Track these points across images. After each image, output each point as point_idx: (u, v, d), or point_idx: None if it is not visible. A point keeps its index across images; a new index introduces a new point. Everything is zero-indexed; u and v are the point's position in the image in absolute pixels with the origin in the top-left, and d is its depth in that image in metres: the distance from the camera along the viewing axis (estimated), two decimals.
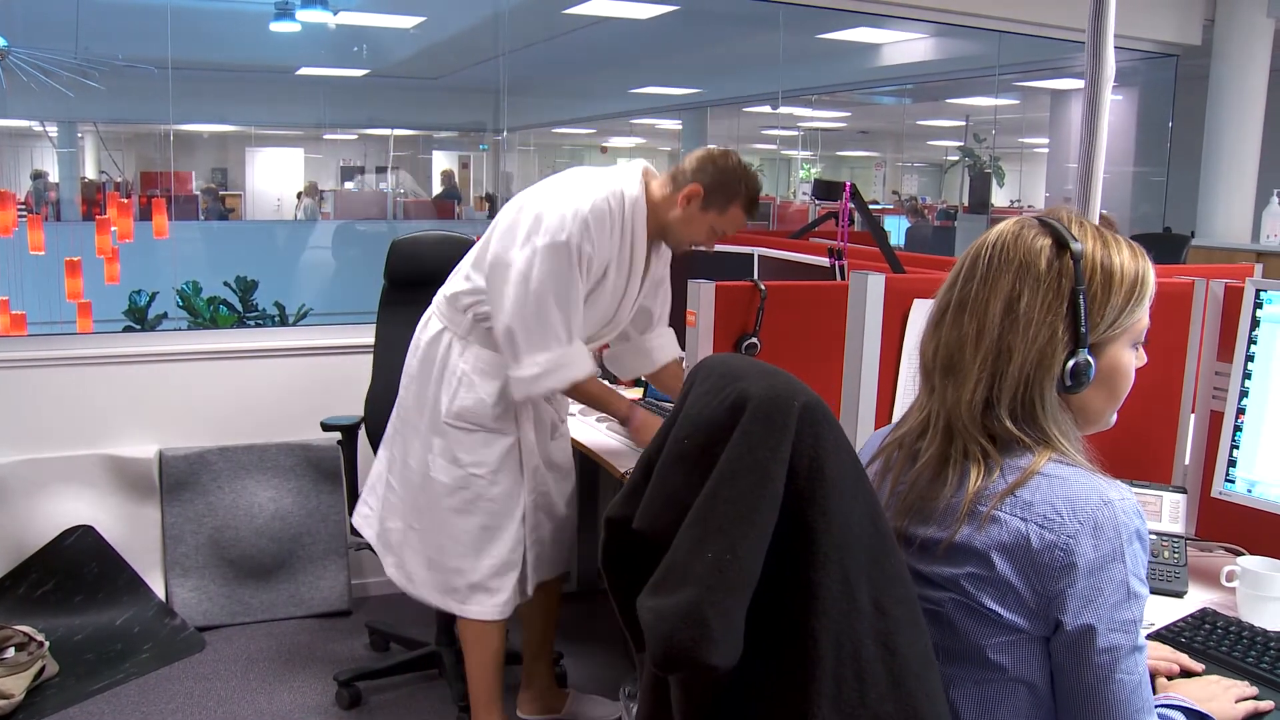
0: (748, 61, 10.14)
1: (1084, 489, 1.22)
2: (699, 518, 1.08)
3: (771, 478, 1.06)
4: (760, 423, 1.08)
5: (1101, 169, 2.23)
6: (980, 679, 1.24)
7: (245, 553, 3.72)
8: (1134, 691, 1.22)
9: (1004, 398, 1.26)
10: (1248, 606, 1.79)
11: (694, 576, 1.05)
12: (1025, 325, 1.26)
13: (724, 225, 2.75)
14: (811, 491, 1.08)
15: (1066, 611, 1.19)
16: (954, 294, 1.31)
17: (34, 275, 4.97)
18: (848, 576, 1.08)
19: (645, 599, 1.09)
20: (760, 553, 1.06)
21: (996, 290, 1.27)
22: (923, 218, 13.46)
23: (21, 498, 3.52)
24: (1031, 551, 1.20)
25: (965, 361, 1.28)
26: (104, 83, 6.06)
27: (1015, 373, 1.26)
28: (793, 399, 1.09)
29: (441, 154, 14.26)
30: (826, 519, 1.08)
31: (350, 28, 8.91)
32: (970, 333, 1.28)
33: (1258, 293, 1.96)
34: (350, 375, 3.63)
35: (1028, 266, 1.27)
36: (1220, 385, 2.11)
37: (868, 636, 1.09)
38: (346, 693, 3.18)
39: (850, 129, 16.88)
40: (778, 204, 12.28)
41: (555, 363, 2.62)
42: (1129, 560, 1.20)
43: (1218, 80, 6.34)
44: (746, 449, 1.08)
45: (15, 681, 3.01)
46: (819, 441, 1.09)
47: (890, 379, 2.05)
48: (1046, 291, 1.26)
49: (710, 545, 1.05)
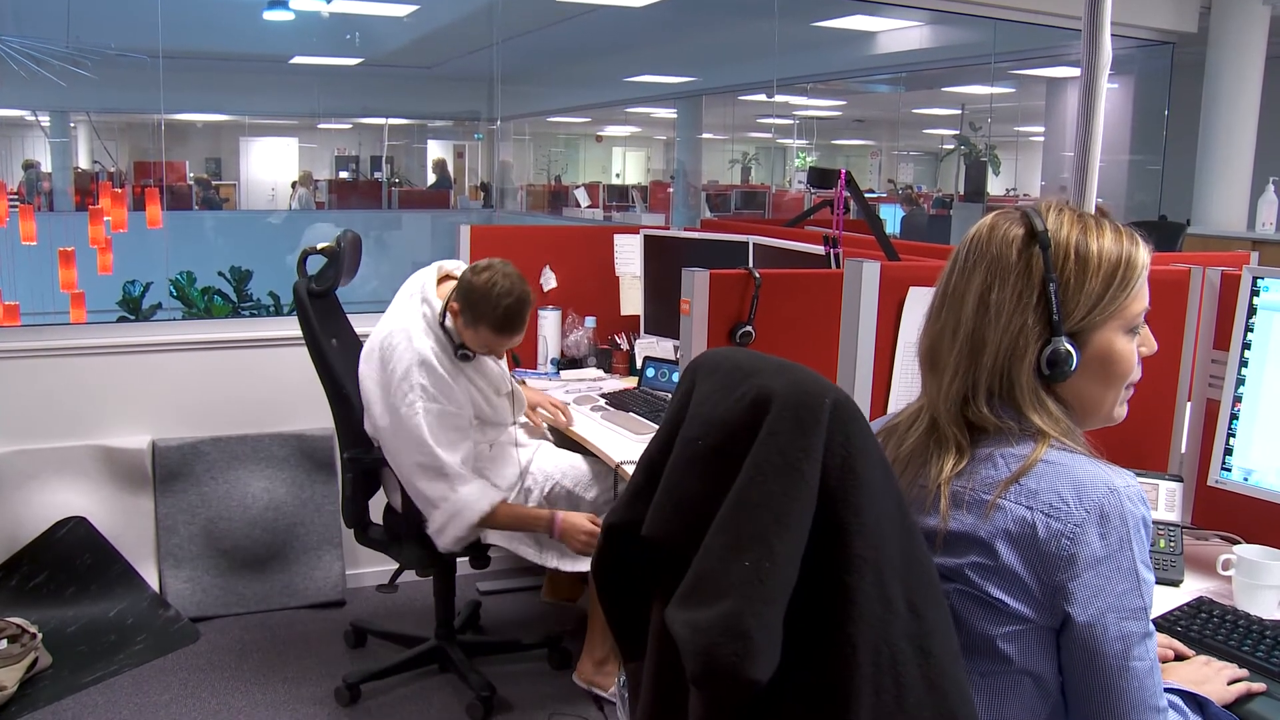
0: (743, 49, 10.12)
1: (1089, 476, 1.21)
2: (728, 524, 1.02)
3: (805, 479, 1.01)
4: (789, 421, 1.03)
5: (1097, 157, 2.22)
6: (986, 670, 1.24)
7: (239, 543, 3.71)
8: (1147, 677, 1.22)
9: (980, 388, 1.27)
10: (1243, 595, 1.79)
11: (731, 586, 1.00)
12: (997, 316, 1.26)
13: (478, 344, 2.88)
14: (844, 491, 1.03)
15: (1075, 602, 1.18)
16: (939, 290, 1.33)
17: (26, 266, 4.95)
18: (882, 579, 1.04)
19: (677, 611, 1.03)
20: (797, 558, 1.01)
21: (971, 284, 1.29)
22: (918, 206, 13.45)
23: (13, 489, 3.51)
24: (1038, 541, 1.19)
25: (944, 353, 1.29)
26: (96, 72, 6.04)
27: (989, 363, 1.27)
28: (823, 396, 1.04)
29: (436, 143, 14.23)
30: (860, 519, 1.04)
31: (343, 16, 8.88)
32: (949, 326, 1.30)
33: (1255, 280, 1.96)
34: None
35: (999, 259, 1.28)
36: (1216, 373, 2.10)
37: (904, 640, 1.05)
38: (349, 693, 3.13)
39: (845, 117, 16.86)
40: (773, 192, 12.28)
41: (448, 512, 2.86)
42: (1136, 548, 1.20)
43: (1214, 68, 6.33)
44: (776, 449, 1.02)
45: (8, 673, 3.00)
46: (849, 440, 1.04)
47: (885, 367, 2.04)
48: (1017, 281, 1.26)
49: (746, 553, 1.00)
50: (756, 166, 16.97)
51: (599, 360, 3.85)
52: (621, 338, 3.94)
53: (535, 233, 5.35)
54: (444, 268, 3.05)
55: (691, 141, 13.90)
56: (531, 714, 3.10)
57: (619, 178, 18.90)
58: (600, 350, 3.86)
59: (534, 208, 13.13)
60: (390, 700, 3.17)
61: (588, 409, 3.29)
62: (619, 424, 3.10)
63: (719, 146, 15.68)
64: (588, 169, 18.34)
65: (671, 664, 1.08)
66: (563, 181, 15.28)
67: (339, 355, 3.11)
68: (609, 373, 3.81)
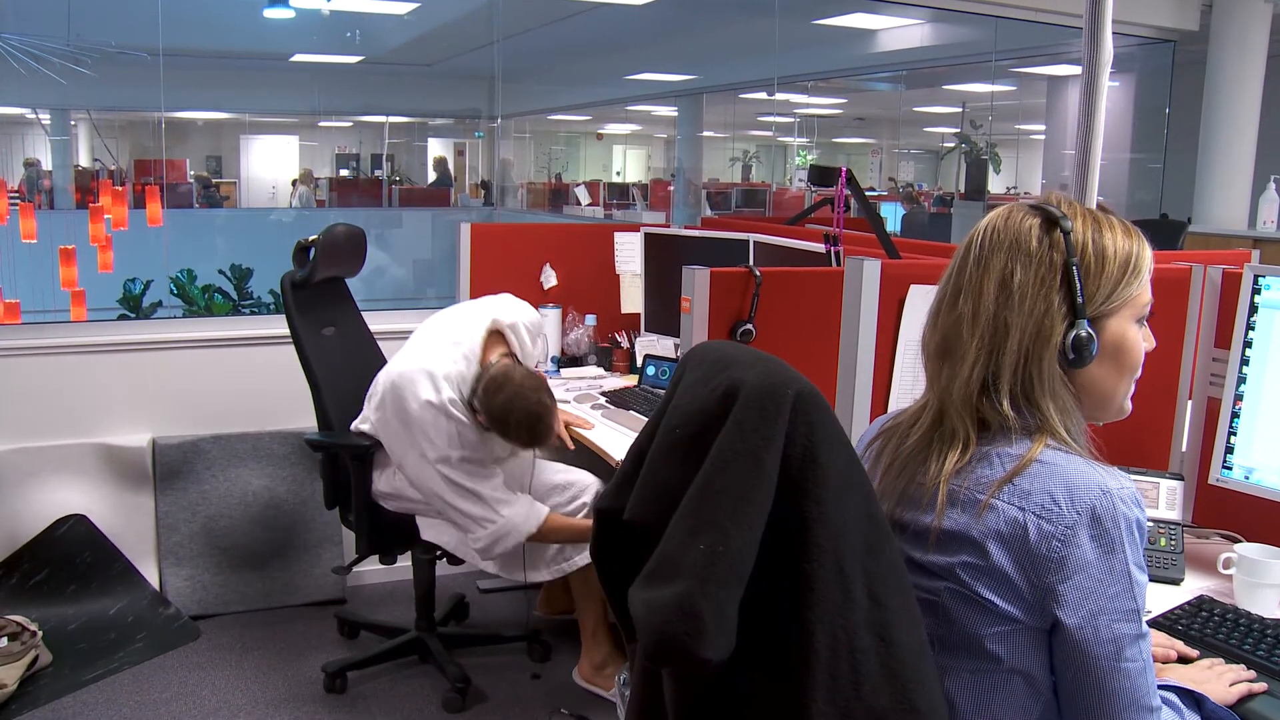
0: (744, 47, 10.10)
1: (1082, 478, 1.21)
2: (691, 508, 1.06)
3: (764, 467, 1.05)
4: (753, 411, 1.06)
5: (1099, 155, 2.21)
6: (976, 669, 1.24)
7: (239, 541, 3.71)
8: (1139, 677, 1.21)
9: (1004, 374, 1.26)
10: (1244, 593, 1.78)
11: (686, 568, 1.03)
12: (1020, 300, 1.26)
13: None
14: (805, 481, 1.06)
15: (1065, 605, 1.18)
16: (949, 283, 1.32)
17: (27, 263, 4.95)
18: (842, 567, 1.07)
19: (637, 590, 1.07)
20: (754, 544, 1.04)
21: (990, 271, 1.28)
22: (918, 204, 13.44)
23: (14, 487, 3.51)
24: (1029, 543, 1.19)
25: (963, 342, 1.28)
26: (96, 70, 6.04)
27: (1014, 348, 1.26)
28: (786, 387, 1.07)
29: (437, 141, 14.22)
30: (821, 509, 1.06)
31: (344, 14, 8.88)
32: (966, 314, 1.28)
33: (1256, 279, 1.95)
34: None
35: (1019, 244, 1.28)
36: (1217, 372, 2.10)
37: (863, 628, 1.08)
38: (334, 682, 3.18)
39: (846, 115, 16.84)
40: (773, 190, 12.27)
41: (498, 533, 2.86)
42: (1129, 550, 1.20)
43: (1215, 66, 6.32)
44: (739, 438, 1.06)
45: (8, 671, 3.00)
46: (812, 430, 1.07)
47: (886, 365, 2.03)
48: (1039, 265, 1.26)
49: (702, 536, 1.04)
50: (757, 164, 16.96)
51: (599, 358, 3.85)
52: (622, 336, 3.93)
53: (536, 230, 5.34)
54: (498, 322, 2.94)
55: (692, 139, 13.90)
56: (508, 706, 3.13)
57: (620, 176, 18.89)
58: (601, 348, 3.86)
59: (534, 206, 13.13)
60: (374, 689, 3.20)
61: (588, 407, 3.29)
62: (619, 422, 3.10)
63: (719, 144, 15.67)
64: (588, 167, 18.34)
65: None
66: (563, 179, 15.28)
67: (329, 343, 3.18)
68: (609, 371, 3.80)
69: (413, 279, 8.37)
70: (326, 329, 3.21)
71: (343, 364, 3.25)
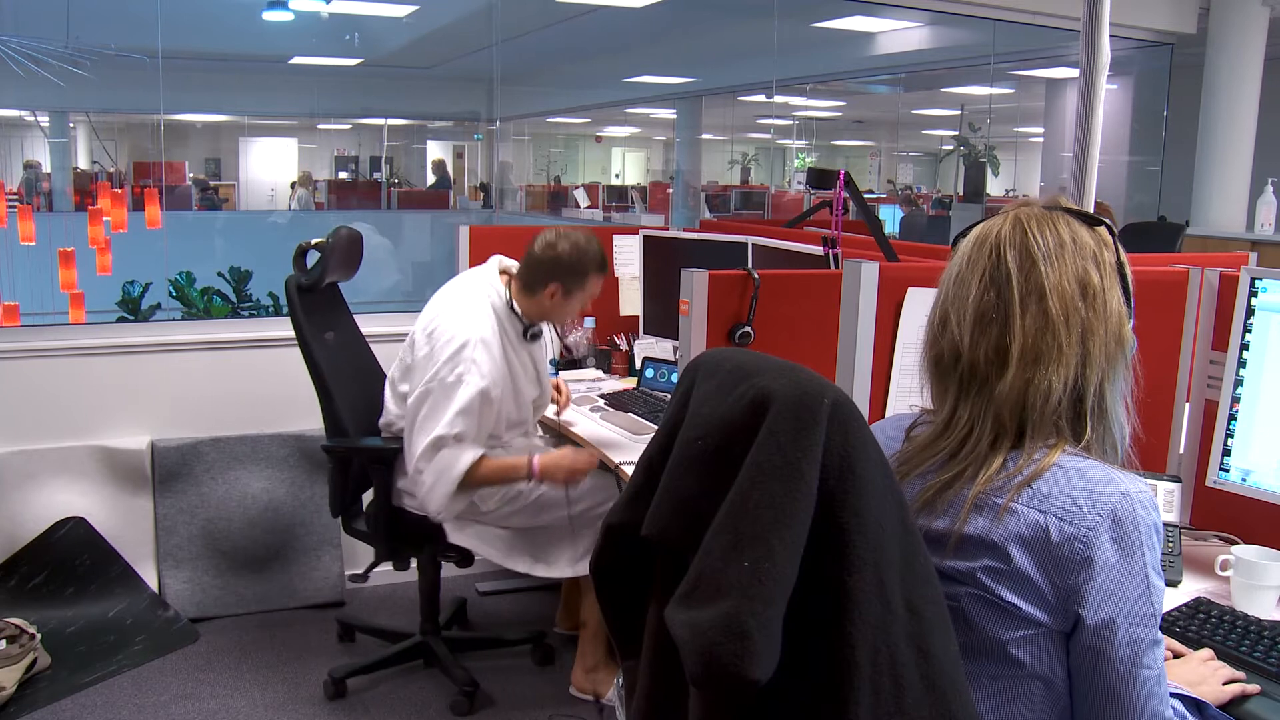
0: (742, 50, 10.12)
1: (1102, 481, 1.21)
2: (729, 524, 1.02)
3: (805, 479, 1.01)
4: (787, 421, 1.02)
5: (1096, 158, 2.22)
6: (997, 674, 1.23)
7: (238, 544, 3.71)
8: (1154, 685, 1.21)
9: (1089, 380, 1.25)
10: (1241, 595, 1.79)
11: (731, 586, 0.99)
12: (1104, 302, 1.25)
13: (588, 297, 3.07)
14: (844, 492, 1.03)
15: (1087, 605, 1.18)
16: (1014, 286, 1.25)
17: (26, 266, 4.95)
18: (882, 579, 1.04)
19: (677, 611, 1.03)
20: (796, 558, 1.01)
21: (1063, 272, 1.25)
22: (917, 207, 13.44)
23: (12, 489, 3.51)
24: (1050, 544, 1.19)
25: (1056, 344, 1.24)
26: (95, 72, 6.04)
27: (1098, 352, 1.25)
28: (821, 396, 1.04)
29: (435, 143, 14.23)
30: (859, 519, 1.03)
31: (343, 16, 8.88)
32: (1057, 316, 1.24)
33: (1253, 281, 1.96)
34: None
35: (1078, 244, 1.26)
36: (1215, 374, 2.11)
37: (902, 640, 1.05)
38: (334, 687, 3.17)
39: (845, 118, 16.86)
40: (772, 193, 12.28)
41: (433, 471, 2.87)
42: (1148, 554, 1.19)
43: (1213, 69, 6.33)
44: (776, 449, 1.02)
45: (7, 674, 3.00)
46: (848, 440, 1.04)
47: (884, 368, 2.04)
48: (1101, 264, 1.26)
49: (746, 552, 1.00)
50: (756, 167, 16.98)
51: (598, 361, 3.85)
52: (620, 338, 3.94)
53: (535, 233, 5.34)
54: (503, 263, 3.14)
55: (691, 142, 13.91)
56: (515, 709, 3.12)
57: (618, 178, 18.91)
58: (599, 351, 3.87)
59: (533, 208, 13.14)
60: (378, 695, 3.19)
61: (587, 409, 3.29)
62: (618, 424, 3.11)
63: (718, 147, 15.68)
64: (587, 169, 18.36)
65: (669, 663, 1.08)
66: (562, 182, 15.29)
67: (333, 348, 3.15)
68: (608, 373, 3.81)
69: (412, 281, 8.38)
70: (328, 333, 3.20)
71: (348, 368, 3.22)
